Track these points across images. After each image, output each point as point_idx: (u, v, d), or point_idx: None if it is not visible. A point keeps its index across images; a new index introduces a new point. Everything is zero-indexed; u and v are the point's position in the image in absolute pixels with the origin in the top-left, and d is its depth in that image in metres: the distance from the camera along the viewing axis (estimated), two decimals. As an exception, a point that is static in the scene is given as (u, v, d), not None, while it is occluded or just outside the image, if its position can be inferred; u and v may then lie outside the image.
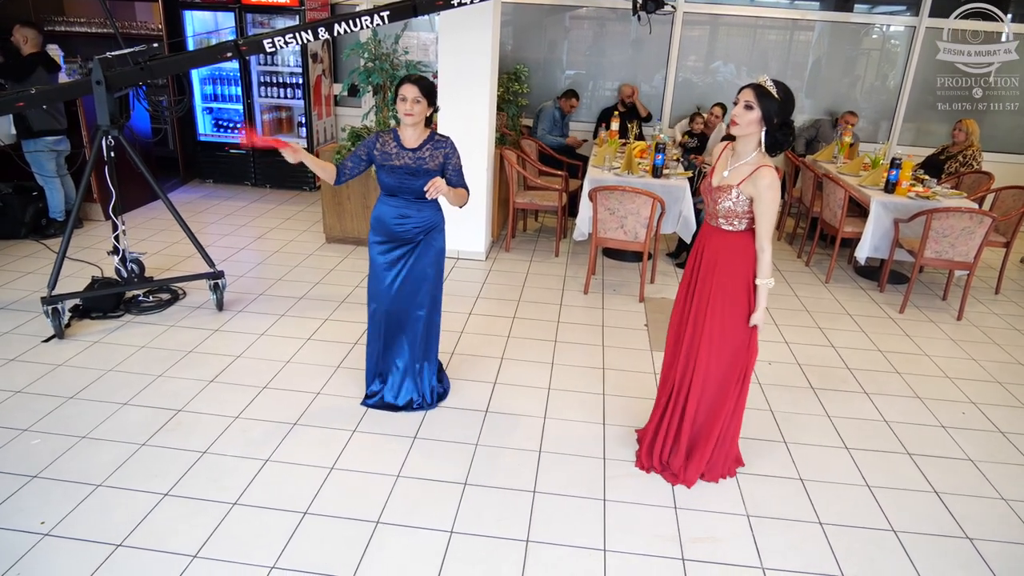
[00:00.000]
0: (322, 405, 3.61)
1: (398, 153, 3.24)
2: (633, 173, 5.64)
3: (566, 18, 8.08)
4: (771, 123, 2.64)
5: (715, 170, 2.88)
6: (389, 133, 3.30)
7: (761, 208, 2.71)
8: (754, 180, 2.69)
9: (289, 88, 7.70)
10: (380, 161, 3.26)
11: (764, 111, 2.61)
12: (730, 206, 2.76)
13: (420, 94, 3.14)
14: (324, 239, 6.18)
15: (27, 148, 5.67)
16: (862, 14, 7.73)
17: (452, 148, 3.31)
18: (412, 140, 3.25)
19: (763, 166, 2.68)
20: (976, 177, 6.39)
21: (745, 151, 2.74)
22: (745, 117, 2.64)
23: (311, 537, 2.70)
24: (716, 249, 2.87)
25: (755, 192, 2.69)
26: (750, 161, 2.72)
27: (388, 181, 3.26)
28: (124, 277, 4.58)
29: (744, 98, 2.63)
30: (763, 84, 2.61)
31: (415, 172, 3.22)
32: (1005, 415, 3.90)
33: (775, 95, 2.60)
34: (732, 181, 2.75)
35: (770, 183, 2.66)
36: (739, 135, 2.71)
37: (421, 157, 3.24)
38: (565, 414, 3.65)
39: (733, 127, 2.70)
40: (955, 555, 2.81)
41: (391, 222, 3.31)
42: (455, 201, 3.29)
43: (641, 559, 2.69)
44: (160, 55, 4.34)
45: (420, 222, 3.32)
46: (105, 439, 3.22)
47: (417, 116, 3.16)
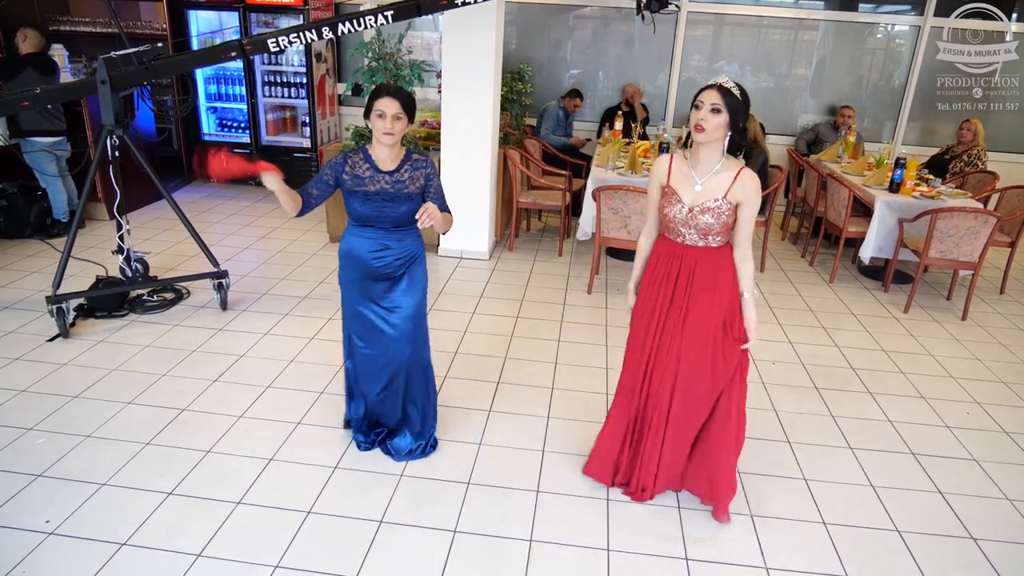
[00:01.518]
0: (326, 404, 3.61)
1: (372, 177, 2.80)
2: (637, 173, 5.64)
3: (570, 17, 8.08)
4: (736, 125, 2.48)
5: (675, 187, 2.62)
6: (358, 153, 2.85)
7: (747, 212, 2.55)
8: (742, 183, 2.52)
9: (293, 88, 7.71)
10: (351, 187, 2.82)
11: (731, 112, 2.45)
12: (725, 220, 2.56)
13: (401, 109, 2.72)
14: (328, 238, 6.19)
15: (25, 148, 5.69)
16: (867, 13, 7.71)
17: (433, 169, 2.91)
18: (388, 162, 2.83)
19: (744, 168, 2.54)
20: (981, 177, 6.38)
21: (712, 159, 2.55)
22: (712, 121, 2.45)
23: (315, 536, 2.71)
24: (713, 269, 2.65)
25: (743, 196, 2.53)
26: (723, 168, 2.55)
27: (362, 210, 2.82)
28: (128, 276, 4.59)
29: (710, 100, 2.44)
30: (725, 84, 2.46)
31: (394, 198, 2.81)
32: (1009, 415, 3.89)
33: (738, 95, 2.46)
34: (716, 194, 2.55)
35: (757, 183, 2.55)
36: (704, 141, 2.50)
37: (400, 180, 2.82)
38: (569, 413, 3.65)
39: (698, 133, 2.48)
40: (959, 555, 2.81)
41: (368, 257, 2.88)
42: (442, 228, 2.86)
43: (645, 559, 2.69)
44: (164, 55, 4.35)
45: (402, 253, 2.90)
46: (110, 438, 3.23)
47: (398, 135, 2.76)
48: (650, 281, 2.78)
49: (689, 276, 2.67)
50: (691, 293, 2.67)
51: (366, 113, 2.77)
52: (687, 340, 2.70)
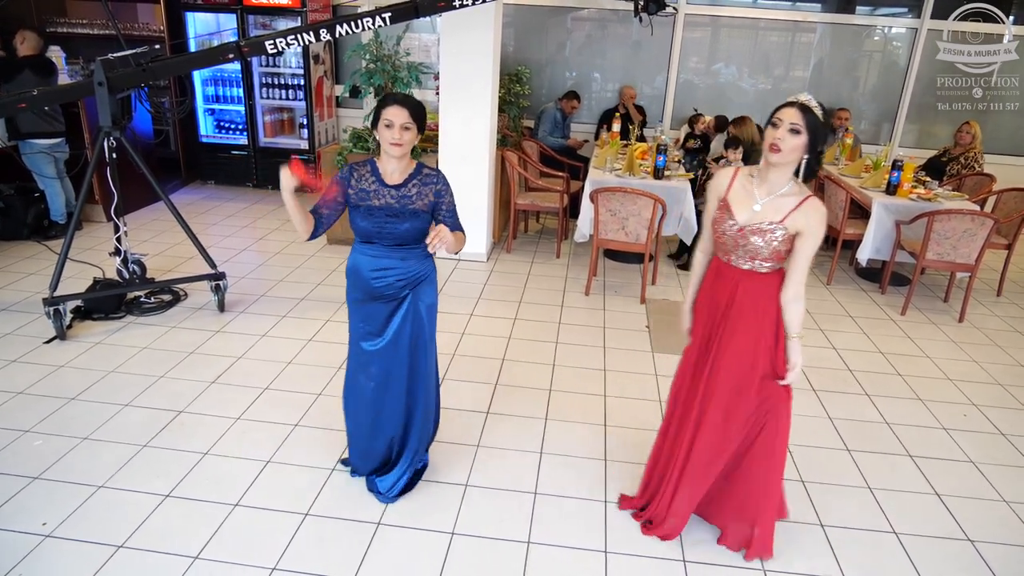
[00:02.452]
0: (323, 406, 3.61)
1: (377, 191, 2.63)
2: (634, 174, 5.64)
3: (568, 20, 8.09)
4: (815, 149, 2.28)
5: (731, 204, 2.44)
6: (366, 166, 2.68)
7: (807, 244, 2.33)
8: (806, 212, 2.31)
9: (291, 89, 7.71)
10: (355, 201, 2.65)
11: (812, 134, 2.24)
12: (776, 246, 2.36)
13: (410, 118, 2.53)
14: (325, 240, 6.19)
15: (24, 150, 5.68)
16: (864, 16, 7.73)
17: (445, 184, 2.69)
18: (396, 175, 2.65)
19: (812, 196, 2.33)
20: (978, 179, 6.39)
21: (779, 181, 2.35)
22: (790, 142, 2.25)
23: (312, 538, 2.70)
24: (754, 295, 2.46)
25: (806, 226, 2.31)
26: (788, 192, 2.35)
27: (364, 225, 2.65)
28: (126, 278, 4.59)
29: (788, 120, 2.24)
30: (807, 103, 2.26)
31: (398, 214, 2.61)
32: (1006, 417, 3.90)
33: (819, 116, 2.26)
34: (774, 217, 2.34)
35: (824, 215, 2.33)
36: (779, 163, 2.30)
37: (407, 195, 2.63)
38: (566, 415, 3.65)
39: (773, 154, 2.28)
40: (956, 557, 2.81)
41: (368, 276, 2.68)
42: (453, 248, 2.61)
43: (643, 561, 2.69)
44: (162, 56, 4.36)
45: (404, 274, 2.68)
46: (107, 440, 3.23)
47: (407, 147, 2.56)
48: (702, 303, 2.63)
49: (730, 300, 2.50)
50: (729, 318, 2.50)
51: (374, 122, 2.61)
52: (718, 370, 2.55)
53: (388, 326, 2.74)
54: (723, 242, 2.48)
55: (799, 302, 2.39)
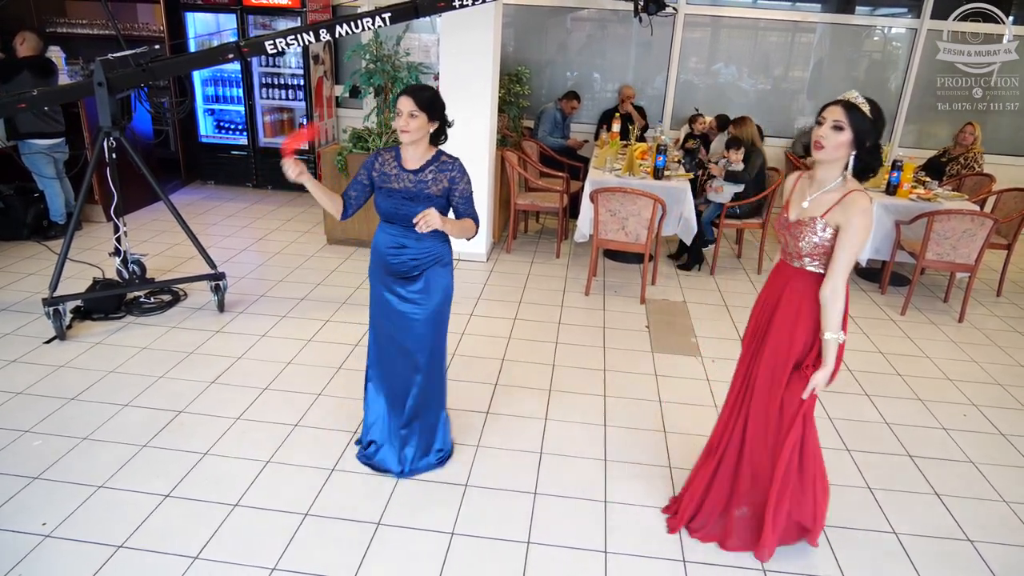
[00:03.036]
0: (323, 407, 3.61)
1: (397, 175, 2.84)
2: (634, 175, 5.64)
3: (567, 20, 8.09)
4: (862, 145, 2.28)
5: (790, 203, 2.51)
6: (391, 151, 2.90)
7: (847, 239, 2.30)
8: (844, 206, 2.31)
9: (291, 89, 7.71)
10: (378, 183, 2.88)
11: (856, 132, 2.25)
12: (816, 241, 2.37)
13: (416, 107, 2.70)
14: (325, 241, 6.19)
15: (23, 151, 5.68)
16: (863, 16, 7.73)
17: (460, 172, 2.86)
18: (413, 160, 2.84)
19: (855, 191, 2.32)
20: (977, 179, 6.39)
21: (828, 178, 2.38)
22: (833, 139, 2.27)
23: (312, 538, 2.70)
24: (800, 293, 2.46)
25: (844, 220, 2.30)
26: (835, 187, 2.36)
27: (384, 206, 2.86)
28: (125, 278, 4.59)
29: (832, 117, 2.26)
30: (853, 100, 2.26)
31: (414, 197, 2.80)
32: (1006, 417, 3.90)
33: (867, 113, 2.25)
34: (815, 212, 2.37)
35: (864, 208, 2.28)
36: (824, 160, 2.33)
37: (423, 180, 2.82)
38: (566, 415, 3.65)
39: (817, 151, 2.31)
40: (956, 557, 2.81)
41: (386, 252, 2.90)
42: (458, 234, 2.83)
43: (642, 561, 2.69)
44: (162, 57, 4.35)
45: (418, 254, 2.87)
46: (106, 440, 3.23)
47: (413, 133, 2.74)
48: (760, 298, 2.66)
49: (778, 298, 2.53)
50: (773, 316, 2.53)
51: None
52: (760, 366, 2.57)
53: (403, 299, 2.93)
54: (780, 241, 2.55)
55: (836, 299, 2.35)
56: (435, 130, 2.84)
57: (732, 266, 6.16)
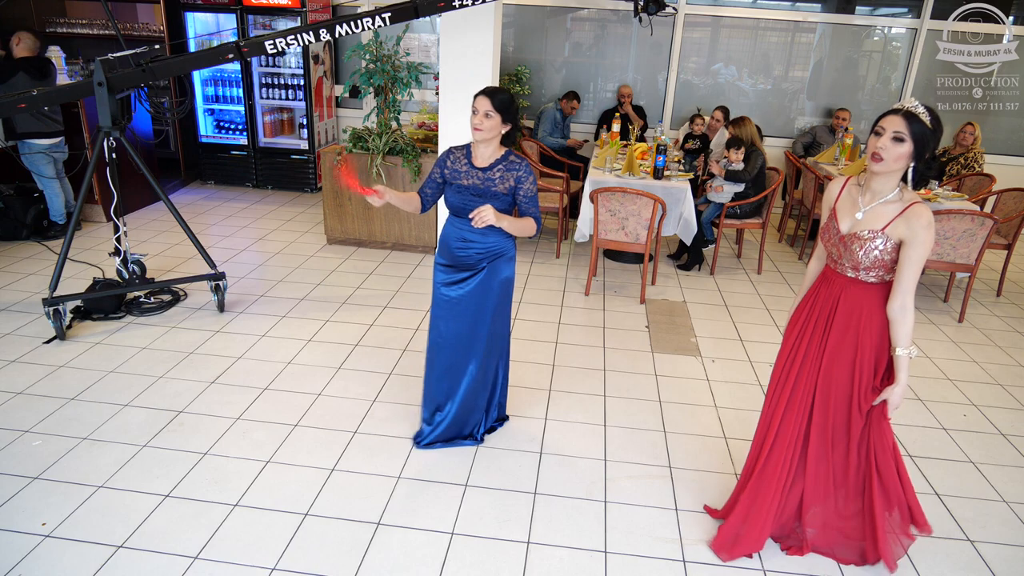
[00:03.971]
0: (323, 406, 3.61)
1: (467, 172, 2.99)
2: (634, 175, 5.64)
3: (567, 20, 8.09)
4: (922, 157, 2.20)
5: (838, 212, 2.43)
6: (462, 149, 3.05)
7: (913, 254, 2.23)
8: (907, 220, 2.23)
9: (290, 89, 7.71)
10: (449, 179, 3.03)
11: (917, 143, 2.17)
12: (877, 255, 2.30)
13: (492, 107, 2.84)
14: (325, 240, 6.19)
15: (22, 151, 5.68)
16: (863, 16, 7.73)
17: (527, 171, 2.98)
18: (483, 159, 2.98)
19: (916, 203, 2.24)
20: (978, 179, 6.39)
21: (884, 189, 2.30)
22: (894, 151, 2.18)
23: (312, 538, 2.70)
24: (858, 304, 2.40)
25: (909, 234, 2.22)
26: (893, 199, 2.28)
27: (453, 201, 3.01)
28: (125, 278, 4.59)
29: (892, 128, 2.18)
30: (912, 110, 2.18)
31: (482, 194, 2.95)
32: (1006, 417, 3.90)
33: (927, 123, 2.17)
34: (875, 225, 2.29)
35: (930, 222, 2.20)
36: (881, 172, 2.25)
37: (491, 178, 2.96)
38: (566, 415, 3.65)
39: (875, 163, 2.23)
40: (956, 557, 2.81)
41: (453, 244, 3.06)
42: (518, 231, 2.96)
43: (642, 561, 2.69)
44: (162, 56, 4.35)
45: (484, 248, 3.02)
46: (106, 440, 3.23)
47: (486, 132, 2.87)
48: (804, 304, 2.60)
49: (833, 308, 2.46)
50: (831, 327, 2.47)
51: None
52: (822, 378, 2.51)
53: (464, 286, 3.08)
54: (829, 251, 2.47)
55: (905, 315, 2.29)
56: (507, 132, 2.96)
57: (732, 266, 6.16)
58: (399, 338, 4.40)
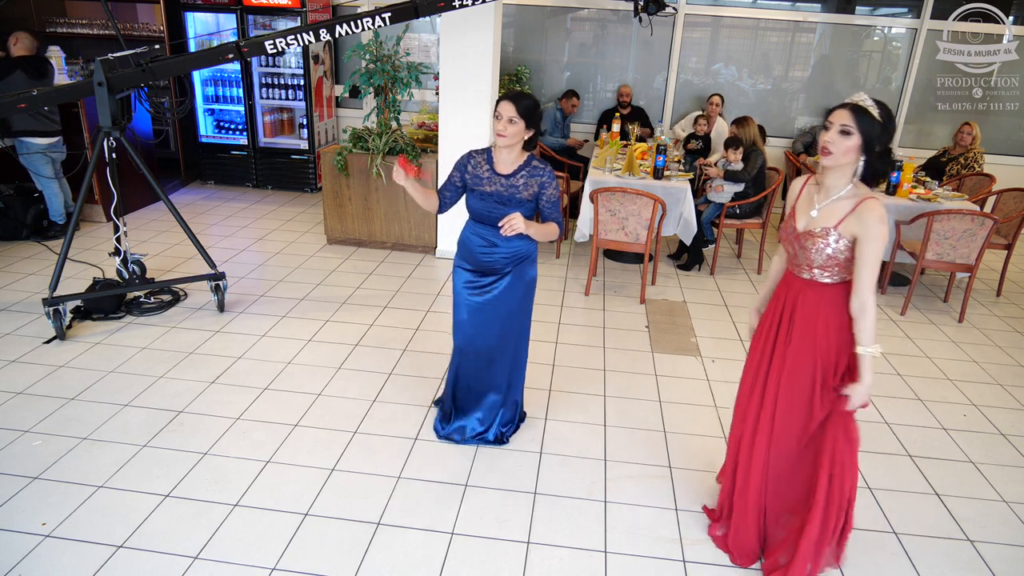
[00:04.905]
0: (323, 406, 3.61)
1: (490, 178, 2.94)
2: (634, 175, 5.64)
3: (567, 20, 8.09)
4: (871, 150, 2.19)
5: (796, 211, 2.42)
6: (483, 154, 3.00)
7: (867, 249, 2.20)
8: (859, 215, 2.21)
9: (291, 89, 7.71)
10: (471, 185, 2.99)
11: (865, 136, 2.16)
12: (830, 253, 2.28)
13: (516, 113, 2.81)
14: (325, 240, 6.19)
15: (20, 151, 5.68)
16: (863, 16, 7.73)
17: (550, 177, 2.96)
18: (506, 165, 2.94)
19: (868, 198, 2.23)
20: (977, 179, 6.39)
21: (837, 184, 2.29)
22: (841, 144, 2.19)
23: (312, 538, 2.70)
24: (814, 306, 2.38)
25: (861, 230, 2.21)
26: (847, 195, 2.27)
27: (476, 207, 2.97)
28: (125, 278, 4.59)
29: (839, 121, 2.18)
30: (861, 103, 2.18)
31: (506, 201, 2.92)
32: (1006, 417, 3.90)
33: (876, 116, 2.17)
34: (827, 223, 2.28)
35: (881, 216, 2.19)
36: (831, 166, 2.25)
37: (514, 185, 2.93)
38: (566, 415, 3.65)
39: (824, 157, 2.23)
40: (956, 557, 2.81)
41: (477, 251, 3.03)
42: (542, 237, 2.98)
43: (642, 561, 2.69)
44: (162, 56, 4.35)
45: (509, 252, 3.02)
46: (106, 440, 3.23)
47: (510, 138, 2.84)
48: (768, 310, 2.58)
49: (792, 310, 2.44)
50: (791, 330, 2.44)
51: None
52: (783, 382, 2.49)
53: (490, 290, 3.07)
54: (787, 251, 2.46)
55: (865, 313, 2.25)
56: (529, 137, 2.92)
57: (732, 266, 6.16)
58: (399, 338, 4.40)
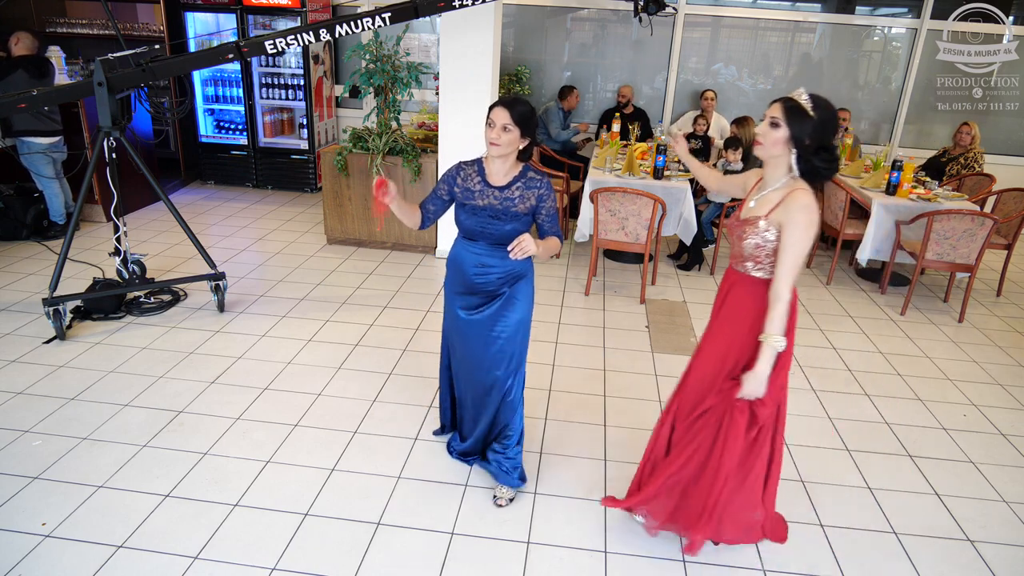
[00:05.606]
0: (323, 406, 3.61)
1: (482, 191, 2.69)
2: (634, 174, 5.64)
3: (568, 20, 8.09)
4: (802, 145, 2.21)
5: (745, 201, 2.45)
6: (473, 165, 2.75)
7: (789, 237, 2.21)
8: (786, 204, 2.24)
9: (291, 89, 7.71)
10: (461, 199, 2.73)
11: (793, 131, 2.20)
12: (758, 242, 2.30)
13: (511, 121, 2.54)
14: (325, 240, 6.19)
15: (22, 151, 5.68)
16: (863, 16, 7.73)
17: (548, 189, 2.70)
18: (499, 176, 2.69)
19: (798, 189, 2.25)
20: (977, 179, 6.39)
21: (774, 177, 2.32)
22: (770, 136, 2.23)
23: (312, 538, 2.70)
24: (738, 300, 2.42)
25: (785, 217, 2.22)
26: (781, 187, 2.29)
27: (467, 223, 2.71)
28: (125, 278, 4.59)
29: (770, 114, 2.23)
30: (795, 98, 2.21)
31: (500, 215, 2.66)
32: (1006, 417, 3.90)
33: (809, 112, 2.18)
34: (759, 212, 2.31)
35: (804, 205, 2.20)
36: (763, 157, 2.31)
37: (509, 198, 2.67)
38: (566, 416, 3.65)
39: (756, 147, 2.31)
40: (956, 557, 2.81)
41: (470, 272, 2.76)
42: (545, 255, 2.69)
43: (642, 561, 2.69)
44: (162, 56, 4.35)
45: (504, 272, 2.75)
46: (106, 440, 3.23)
47: (504, 147, 2.58)
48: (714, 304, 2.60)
49: (723, 300, 2.48)
50: (717, 316, 2.49)
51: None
52: (695, 371, 2.55)
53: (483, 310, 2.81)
54: (733, 245, 2.46)
55: (776, 302, 2.23)
56: (524, 146, 2.66)
57: (732, 266, 6.16)
58: (399, 338, 4.40)
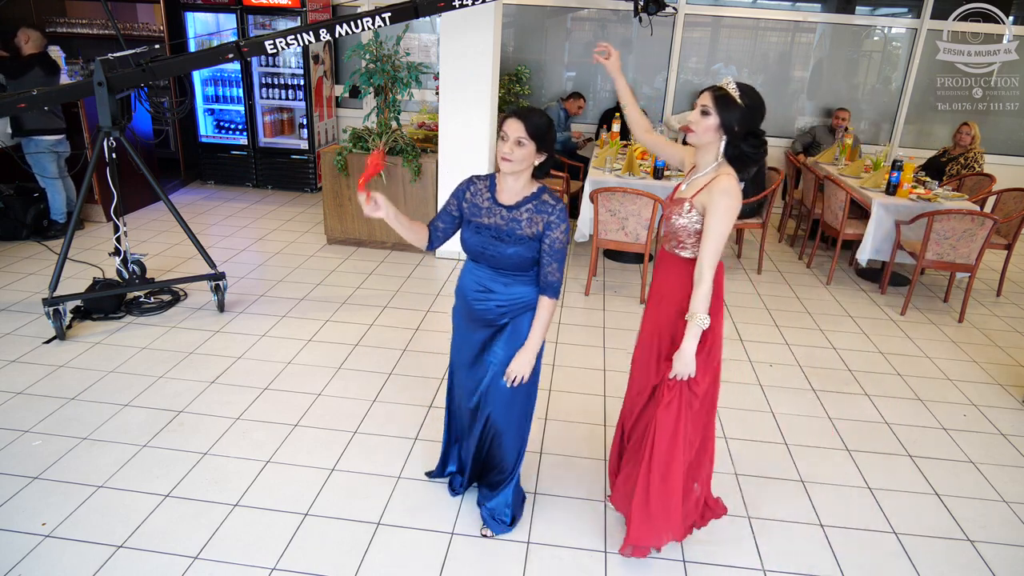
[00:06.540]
0: (323, 406, 3.61)
1: (490, 209, 2.45)
2: (634, 174, 5.64)
3: (568, 19, 8.09)
4: (731, 132, 2.27)
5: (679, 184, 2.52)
6: (485, 180, 2.51)
7: (711, 220, 2.27)
8: (709, 188, 2.30)
9: (290, 89, 7.71)
10: (468, 215, 2.49)
11: (722, 118, 2.26)
12: (684, 223, 2.37)
13: (526, 134, 2.30)
14: (325, 240, 6.19)
15: (27, 149, 5.69)
16: (863, 16, 7.73)
17: (560, 218, 2.41)
18: (510, 194, 2.43)
19: (723, 174, 2.31)
20: (978, 179, 6.39)
21: (704, 161, 2.38)
22: (701, 124, 2.29)
23: (312, 538, 2.70)
24: (664, 279, 2.50)
25: (708, 200, 2.29)
26: (710, 172, 2.35)
27: (470, 242, 2.48)
28: (125, 278, 4.59)
29: (701, 102, 2.28)
30: (724, 87, 2.27)
31: (503, 236, 2.41)
32: (1006, 417, 3.90)
33: (737, 100, 2.24)
34: (687, 195, 2.39)
35: (725, 189, 2.26)
36: (695, 144, 2.37)
37: (516, 219, 2.41)
38: (566, 415, 3.65)
39: (689, 135, 2.35)
40: (956, 557, 2.81)
41: (470, 296, 2.54)
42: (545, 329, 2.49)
43: (642, 560, 2.69)
44: (162, 56, 4.35)
45: (506, 301, 2.49)
46: (106, 440, 3.23)
47: (517, 163, 2.33)
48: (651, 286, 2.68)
49: (656, 279, 2.59)
50: (659, 307, 2.53)
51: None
52: (636, 352, 2.66)
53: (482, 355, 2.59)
54: (664, 225, 2.54)
55: (700, 283, 2.30)
56: (540, 163, 2.41)
57: (732, 266, 6.16)
58: (399, 338, 4.40)
